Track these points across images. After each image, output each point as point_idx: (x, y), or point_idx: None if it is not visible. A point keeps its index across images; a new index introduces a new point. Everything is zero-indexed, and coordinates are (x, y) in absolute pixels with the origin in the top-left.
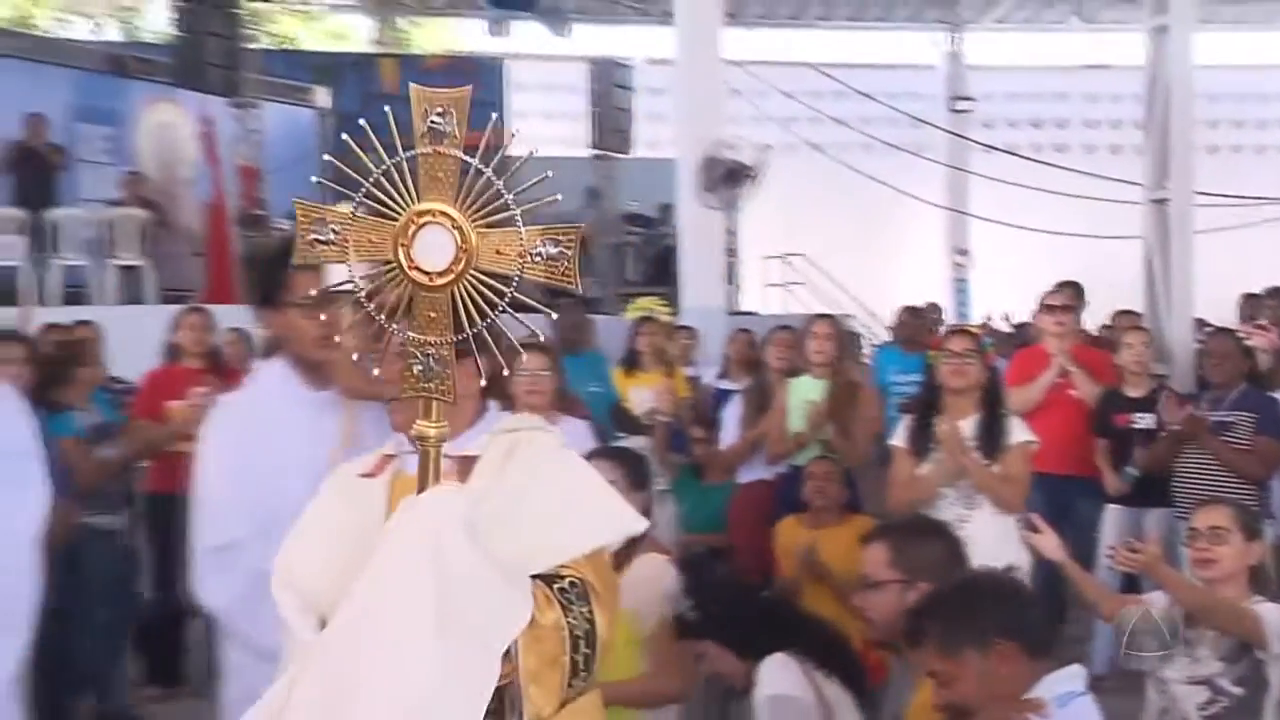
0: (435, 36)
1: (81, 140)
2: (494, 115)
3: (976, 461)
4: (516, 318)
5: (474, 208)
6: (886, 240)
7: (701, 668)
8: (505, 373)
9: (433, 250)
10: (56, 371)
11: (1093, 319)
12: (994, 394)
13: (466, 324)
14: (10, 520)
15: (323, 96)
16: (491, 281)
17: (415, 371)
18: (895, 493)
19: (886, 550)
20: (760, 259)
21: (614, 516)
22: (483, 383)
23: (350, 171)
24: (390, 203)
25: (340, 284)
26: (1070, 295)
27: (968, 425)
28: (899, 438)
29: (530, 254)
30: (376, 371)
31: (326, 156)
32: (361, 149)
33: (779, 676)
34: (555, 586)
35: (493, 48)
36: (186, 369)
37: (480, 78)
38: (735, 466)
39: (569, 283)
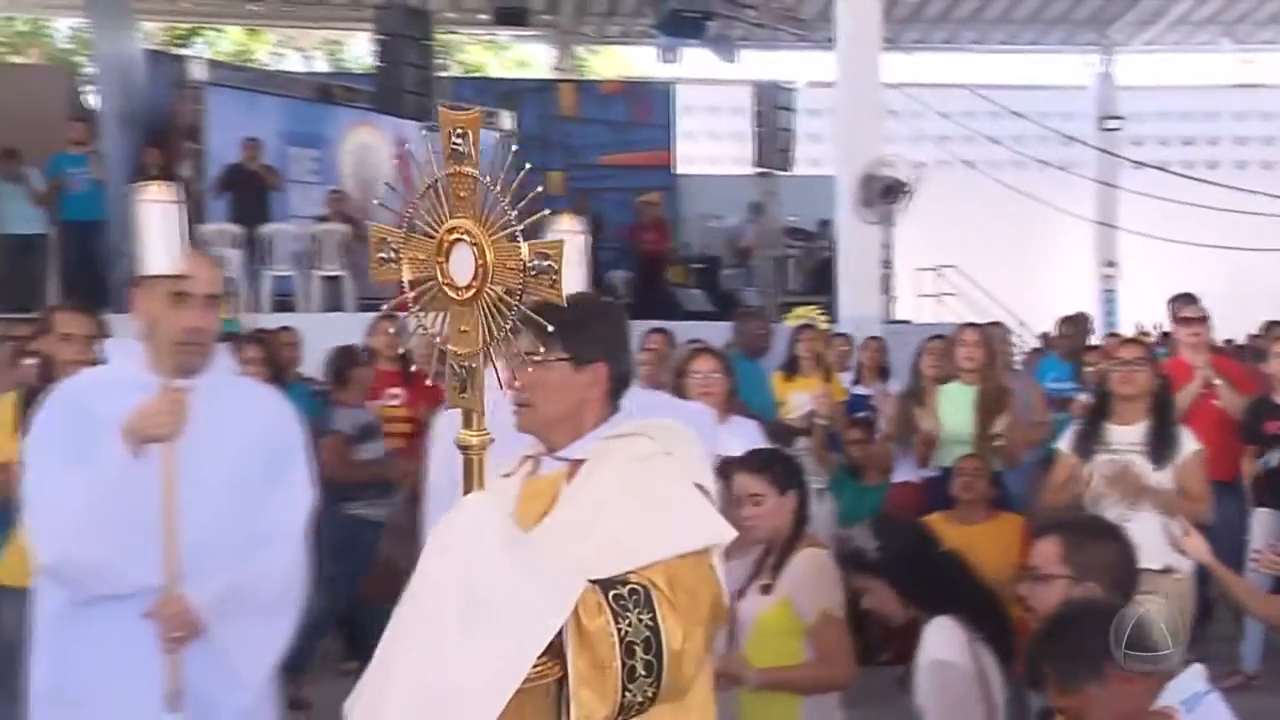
0: (610, 63)
1: (291, 162)
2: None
3: (1156, 493)
4: (523, 329)
5: (491, 224)
6: (1036, 253)
7: (863, 602)
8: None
9: (461, 266)
10: (338, 371)
11: (1242, 329)
12: (1164, 402)
13: (486, 336)
14: (280, 513)
15: (507, 120)
16: (505, 296)
17: (454, 384)
18: (1050, 496)
19: (1059, 545)
20: (914, 270)
21: (697, 525)
22: (606, 388)
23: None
24: (430, 223)
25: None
26: (1200, 307)
27: (1136, 431)
28: (1064, 442)
29: (527, 267)
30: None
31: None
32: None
33: (944, 641)
34: (611, 593)
35: (664, 73)
36: (381, 371)
37: (652, 101)
38: (889, 467)
39: (555, 295)
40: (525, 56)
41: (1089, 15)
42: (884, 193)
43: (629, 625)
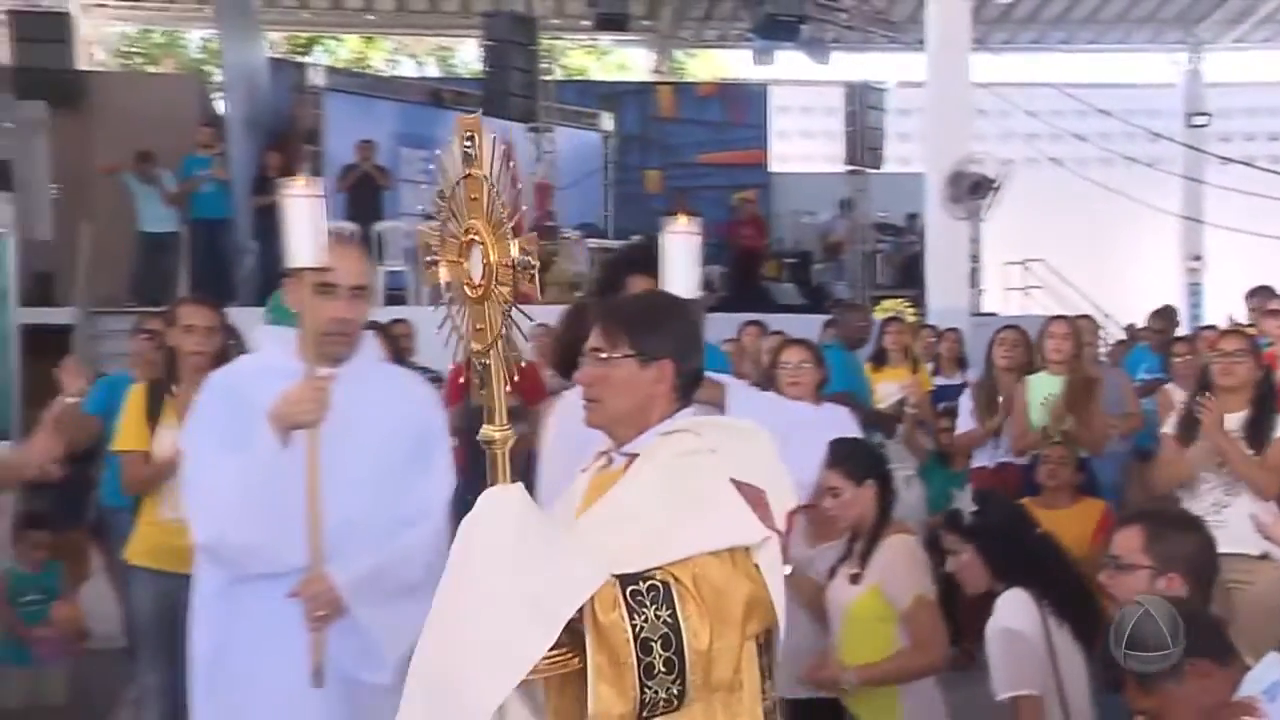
0: (707, 66)
1: (403, 162)
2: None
3: (1235, 445)
4: (519, 327)
5: (494, 224)
6: (1121, 247)
7: (949, 565)
8: (699, 377)
9: (476, 266)
10: None
11: None
12: (1265, 392)
13: (493, 333)
14: (422, 496)
15: (607, 121)
16: (506, 294)
17: (476, 380)
18: (1160, 473)
19: (1142, 535)
20: (1001, 264)
21: (725, 524)
22: (673, 386)
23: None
24: (457, 225)
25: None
26: None
27: (1235, 420)
28: (1169, 425)
29: (515, 264)
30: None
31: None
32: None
33: (1016, 611)
34: (630, 589)
35: (759, 75)
36: None
37: (747, 102)
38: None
39: (531, 290)
40: (625, 60)
41: (1176, 14)
42: (972, 189)
43: (645, 621)
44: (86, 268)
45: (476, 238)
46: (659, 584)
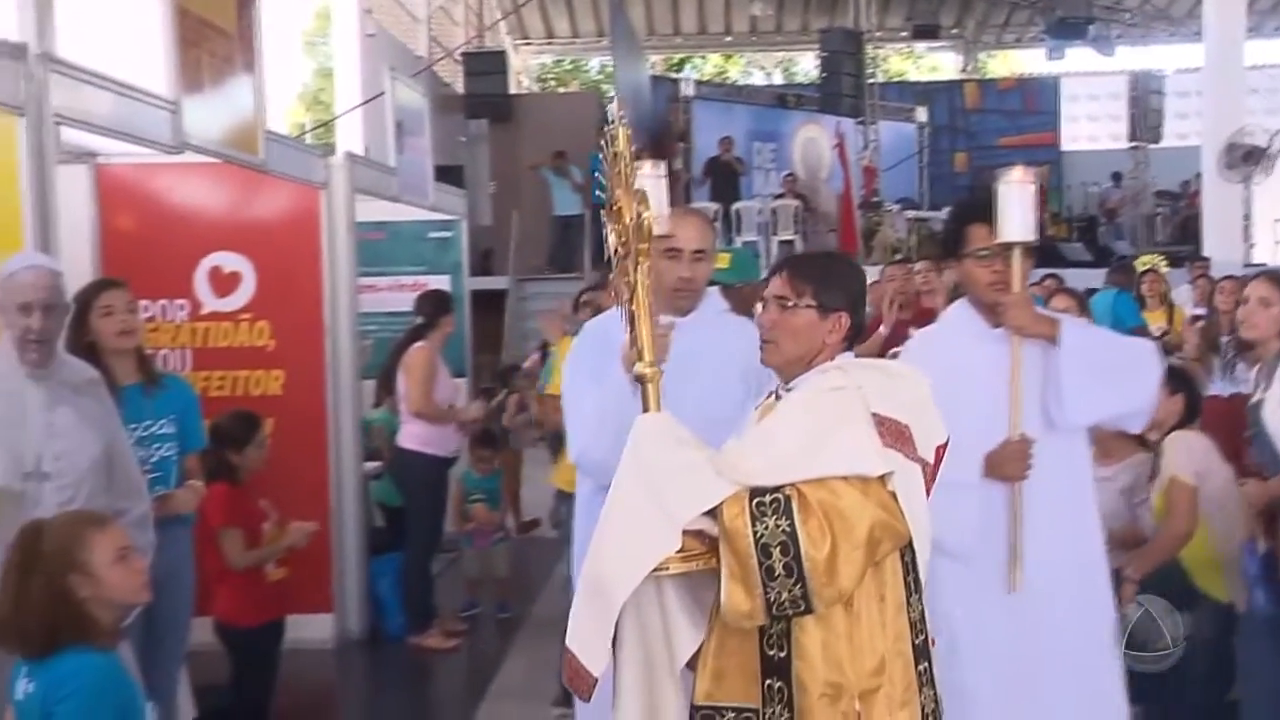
0: (1006, 64)
1: (755, 154)
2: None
3: None
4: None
5: (628, 192)
6: None
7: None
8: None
9: (620, 229)
10: None
11: None
12: None
13: (629, 286)
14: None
15: (921, 114)
16: (642, 249)
17: (628, 326)
18: None
19: None
20: (1273, 221)
21: (848, 454)
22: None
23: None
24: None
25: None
26: None
27: None
28: None
29: (637, 222)
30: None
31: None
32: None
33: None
34: (755, 499)
35: (1051, 69)
36: None
37: (1041, 93)
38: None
39: (645, 239)
40: (937, 63)
41: None
42: (1245, 157)
43: (764, 528)
44: (516, 245)
45: (620, 204)
46: (782, 497)
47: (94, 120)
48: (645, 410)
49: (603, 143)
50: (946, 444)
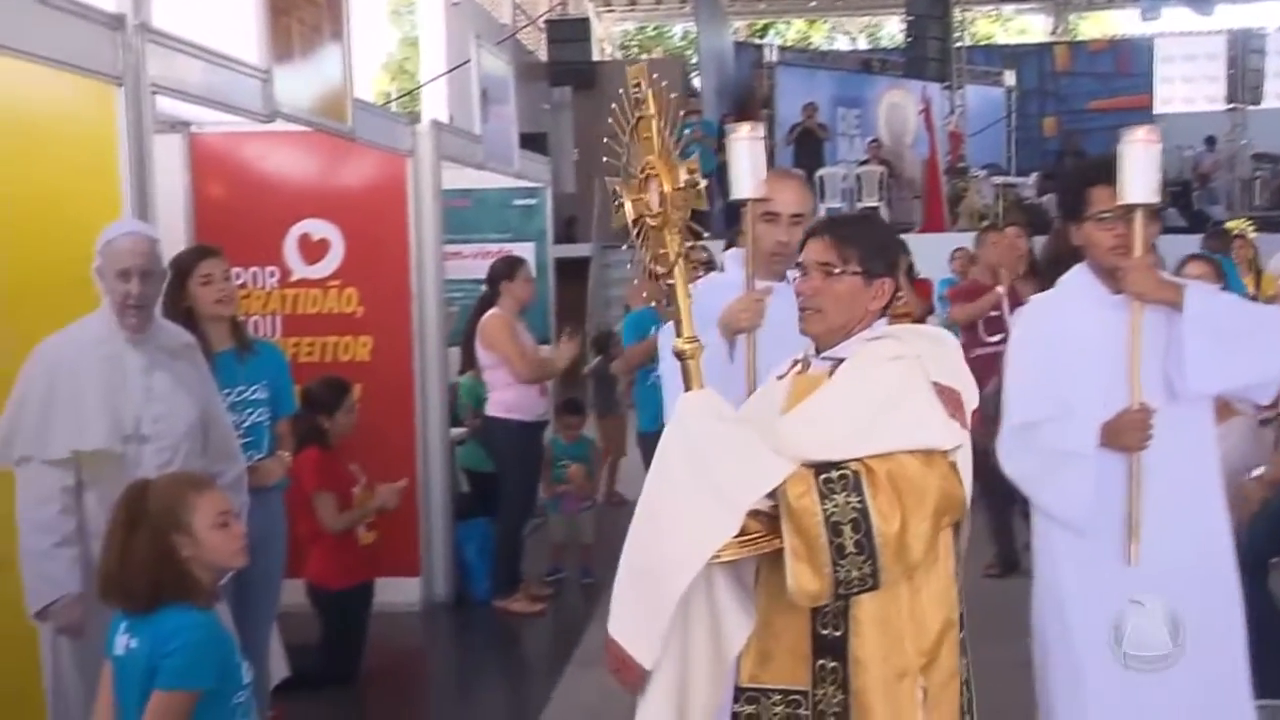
0: (1098, 25)
1: (840, 120)
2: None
3: None
4: (701, 246)
5: (668, 156)
6: None
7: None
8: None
9: (654, 196)
10: None
11: None
12: None
13: (674, 253)
14: None
15: (1009, 78)
16: (684, 217)
17: (663, 301)
18: None
19: None
20: None
21: (919, 427)
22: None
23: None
24: (636, 163)
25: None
26: None
27: None
28: None
29: (686, 187)
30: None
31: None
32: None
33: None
34: (822, 477)
35: (1145, 30)
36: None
37: (1133, 55)
38: None
39: (700, 203)
40: (1025, 25)
41: None
42: None
43: (834, 506)
44: (599, 213)
45: (652, 171)
46: (850, 473)
47: (189, 90)
48: (687, 388)
49: (627, 106)
50: (977, 409)
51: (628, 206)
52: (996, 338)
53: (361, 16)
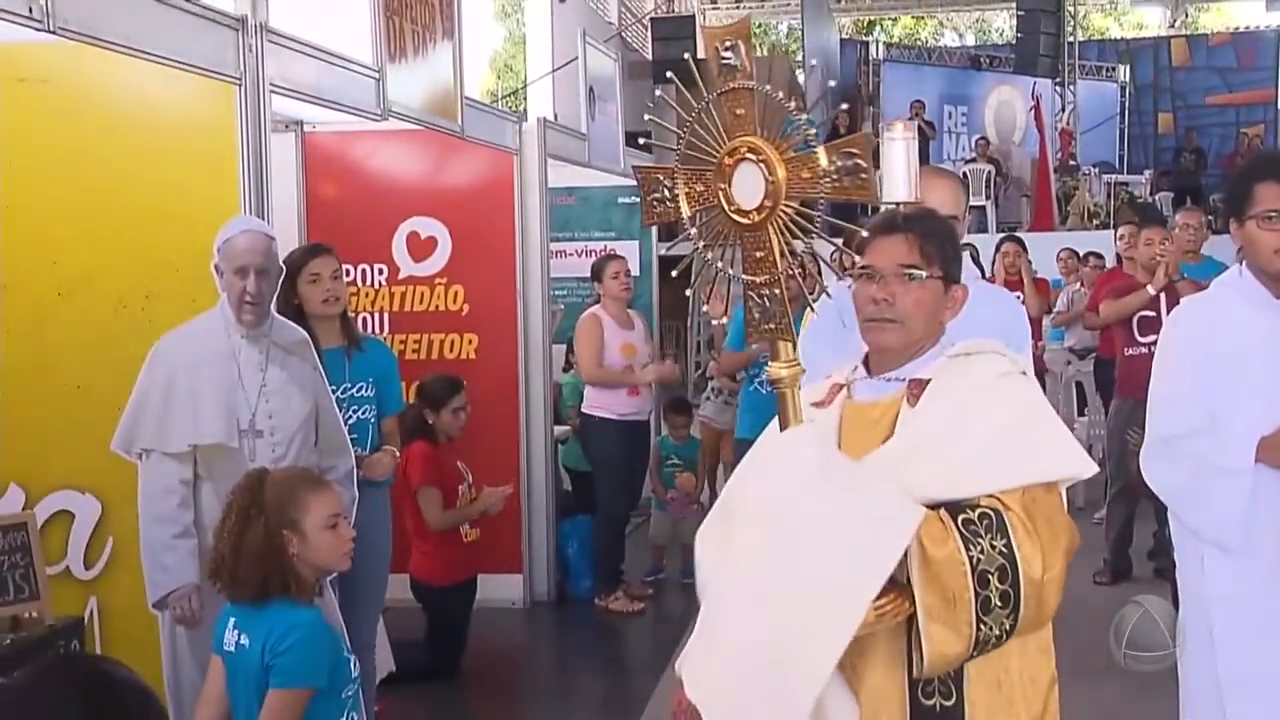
0: (1220, 17)
1: (947, 117)
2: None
3: None
4: (831, 241)
5: (775, 136)
6: None
7: None
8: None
9: (747, 188)
10: None
11: None
12: None
13: (786, 257)
14: None
15: (1123, 73)
16: (803, 209)
17: (755, 315)
18: None
19: None
20: None
21: (1059, 455)
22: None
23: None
24: (707, 149)
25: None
26: None
27: None
28: None
29: (828, 173)
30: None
31: (647, 116)
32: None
33: None
34: (961, 518)
35: (1271, 21)
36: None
37: (1258, 47)
38: None
39: (867, 194)
40: (1141, 18)
41: None
42: None
43: (980, 552)
44: None
45: (750, 156)
46: (990, 512)
47: (305, 90)
48: (783, 425)
49: (713, 75)
50: None
51: (684, 205)
52: (1150, 338)
53: (469, 15)
